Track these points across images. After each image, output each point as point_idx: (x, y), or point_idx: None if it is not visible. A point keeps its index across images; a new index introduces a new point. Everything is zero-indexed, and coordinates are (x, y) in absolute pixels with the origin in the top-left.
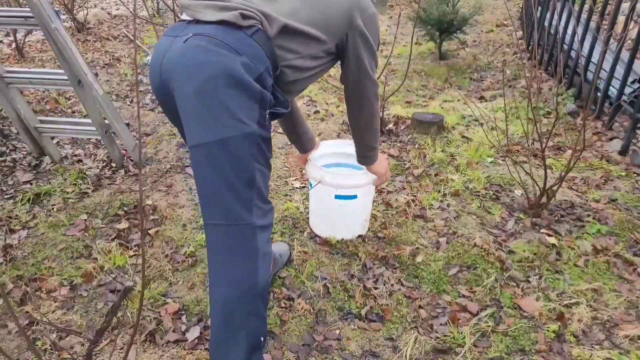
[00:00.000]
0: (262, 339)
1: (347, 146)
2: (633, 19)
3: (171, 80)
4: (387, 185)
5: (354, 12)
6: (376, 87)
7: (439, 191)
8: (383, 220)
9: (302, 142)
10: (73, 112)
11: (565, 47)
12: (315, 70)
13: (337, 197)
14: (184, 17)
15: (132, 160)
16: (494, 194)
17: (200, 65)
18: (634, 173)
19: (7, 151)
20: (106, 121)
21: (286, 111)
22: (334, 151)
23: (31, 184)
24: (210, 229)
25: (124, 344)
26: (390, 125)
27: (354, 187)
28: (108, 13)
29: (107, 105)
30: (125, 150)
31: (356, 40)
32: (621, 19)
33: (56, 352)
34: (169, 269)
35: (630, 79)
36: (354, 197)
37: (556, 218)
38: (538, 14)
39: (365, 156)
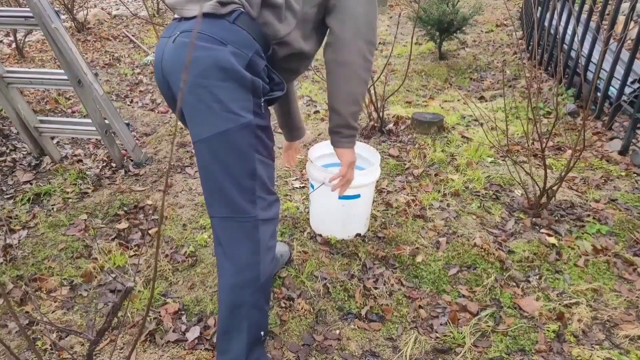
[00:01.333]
0: (262, 333)
1: None
2: (633, 19)
3: (170, 81)
4: (387, 185)
5: None
6: (371, 45)
7: (439, 191)
8: (383, 220)
9: (290, 129)
10: (73, 112)
11: (565, 47)
12: (307, 46)
13: (340, 197)
14: (175, 16)
15: (132, 160)
16: (494, 194)
17: (188, 64)
18: (634, 173)
19: (7, 151)
20: (106, 121)
21: (282, 93)
22: (333, 151)
23: (31, 184)
24: (215, 222)
25: (124, 344)
26: (390, 125)
27: (358, 186)
28: (108, 13)
29: (107, 105)
30: (126, 150)
31: None
32: (621, 19)
33: (56, 352)
34: (169, 269)
35: (630, 79)
36: (358, 196)
37: (556, 218)
38: (538, 14)
39: (337, 132)
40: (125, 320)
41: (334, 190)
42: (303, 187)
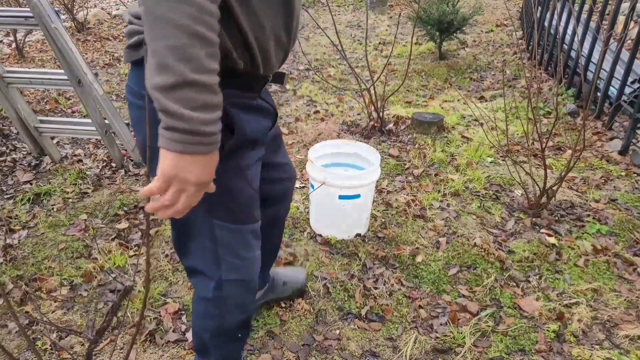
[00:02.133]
0: None
1: (347, 146)
2: (633, 19)
3: None
4: (387, 185)
5: None
6: None
7: (439, 191)
8: (383, 220)
9: None
10: (73, 112)
11: (565, 47)
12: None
13: (340, 197)
14: None
15: (132, 160)
16: (494, 194)
17: (134, 124)
18: (634, 173)
19: (7, 151)
20: (106, 121)
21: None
22: (333, 151)
23: (31, 184)
24: (186, 270)
25: (124, 344)
26: (390, 125)
27: (358, 186)
28: (108, 13)
29: (107, 105)
30: (126, 150)
31: None
32: (621, 19)
33: (56, 352)
34: (169, 269)
35: (630, 79)
36: (358, 196)
37: (556, 218)
38: (538, 14)
39: (160, 119)
40: (125, 320)
41: (150, 211)
42: (303, 187)
